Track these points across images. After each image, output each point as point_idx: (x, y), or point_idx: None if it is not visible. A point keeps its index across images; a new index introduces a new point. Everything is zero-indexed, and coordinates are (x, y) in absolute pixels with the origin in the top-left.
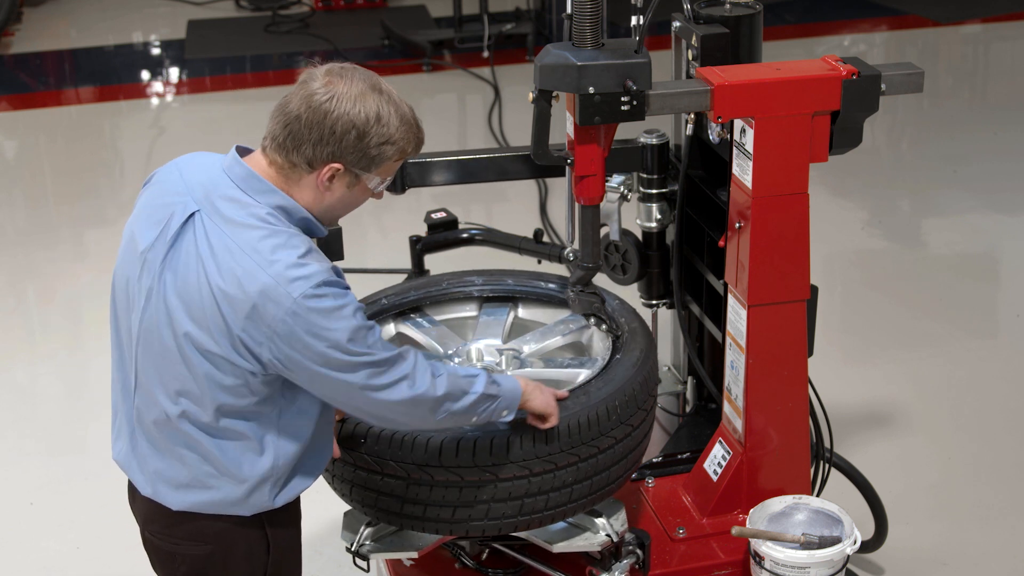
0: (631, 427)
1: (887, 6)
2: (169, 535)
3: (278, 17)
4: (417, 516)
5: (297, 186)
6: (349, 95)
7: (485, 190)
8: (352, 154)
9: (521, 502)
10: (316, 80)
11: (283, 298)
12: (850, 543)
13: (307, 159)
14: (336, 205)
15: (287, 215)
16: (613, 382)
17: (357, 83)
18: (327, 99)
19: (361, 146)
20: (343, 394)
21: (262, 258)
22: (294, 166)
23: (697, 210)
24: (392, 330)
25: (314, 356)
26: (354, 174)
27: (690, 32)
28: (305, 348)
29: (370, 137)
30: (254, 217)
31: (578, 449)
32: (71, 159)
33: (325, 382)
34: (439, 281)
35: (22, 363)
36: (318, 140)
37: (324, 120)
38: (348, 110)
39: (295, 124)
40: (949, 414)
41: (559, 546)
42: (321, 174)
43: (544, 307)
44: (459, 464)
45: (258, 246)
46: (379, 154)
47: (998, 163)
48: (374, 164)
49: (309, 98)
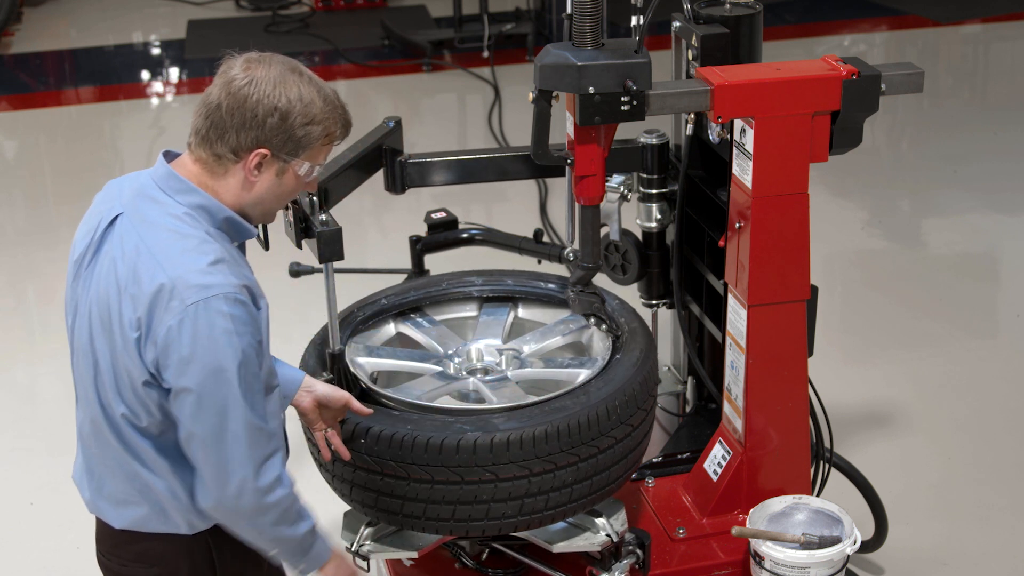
0: (631, 427)
1: (887, 6)
2: (117, 556)
3: (278, 17)
4: (417, 515)
5: (224, 180)
6: (269, 78)
7: (485, 190)
8: (277, 137)
9: (521, 502)
10: (234, 68)
11: (175, 303)
12: (850, 543)
13: (232, 148)
14: (266, 196)
15: (208, 215)
16: (613, 382)
17: (276, 67)
18: (246, 83)
19: (285, 128)
20: (193, 422)
21: (167, 258)
22: (219, 158)
23: (697, 210)
24: (392, 330)
25: (188, 373)
26: (282, 160)
27: (690, 32)
28: (180, 362)
29: (293, 118)
30: (170, 217)
31: (578, 449)
32: (71, 159)
33: (183, 405)
34: (439, 281)
35: (22, 363)
36: (240, 126)
37: (245, 104)
38: (269, 92)
39: (216, 113)
40: (949, 414)
41: (559, 546)
42: (248, 162)
43: (544, 307)
44: (459, 464)
45: (166, 247)
46: (304, 135)
47: (998, 163)
48: (301, 147)
49: (228, 85)
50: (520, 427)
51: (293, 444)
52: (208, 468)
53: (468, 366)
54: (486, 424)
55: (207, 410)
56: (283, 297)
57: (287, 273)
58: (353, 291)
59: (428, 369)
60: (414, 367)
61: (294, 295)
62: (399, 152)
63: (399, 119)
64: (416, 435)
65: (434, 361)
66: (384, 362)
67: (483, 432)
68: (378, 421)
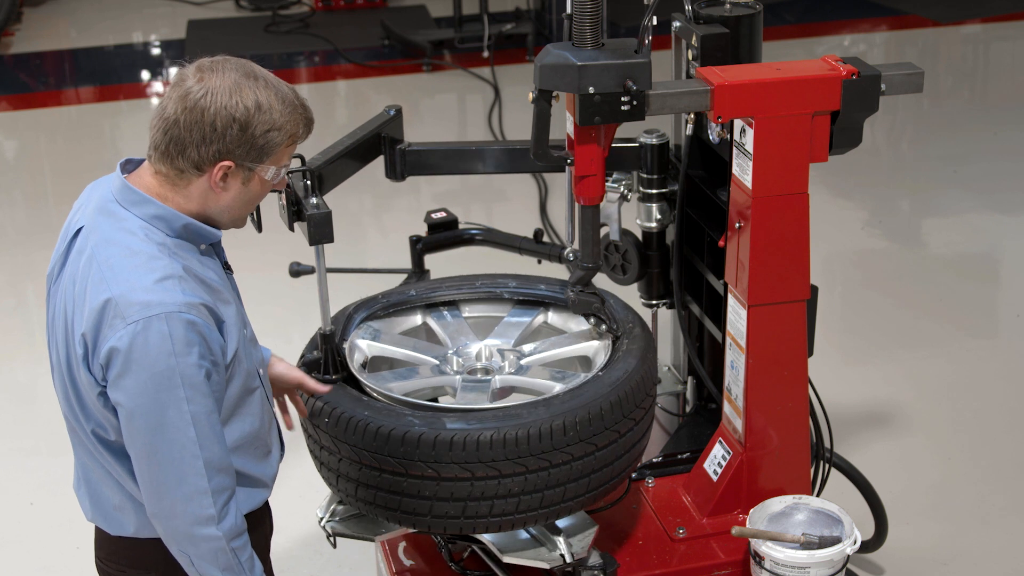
0: (593, 446)
1: (887, 6)
2: (116, 562)
3: (278, 17)
4: (368, 501)
5: (186, 191)
6: (224, 88)
7: (485, 190)
8: (239, 148)
9: (464, 504)
10: (188, 79)
11: (117, 320)
12: (850, 543)
13: (194, 163)
14: (234, 204)
15: (165, 224)
16: (577, 399)
17: (229, 74)
18: (202, 96)
19: (246, 138)
20: (127, 438)
21: (113, 275)
22: (181, 172)
23: (697, 210)
24: (419, 319)
25: (121, 388)
26: (247, 168)
27: (690, 32)
28: (116, 377)
29: (253, 127)
30: (123, 232)
31: (526, 460)
32: (71, 159)
33: (121, 419)
34: (473, 280)
35: (22, 363)
36: (200, 140)
37: (203, 118)
38: (225, 103)
39: (175, 129)
40: (949, 414)
41: (510, 556)
42: (213, 175)
43: (574, 316)
44: (403, 456)
45: (115, 263)
46: (267, 143)
47: (998, 163)
48: (264, 154)
49: (184, 98)
50: (466, 429)
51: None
52: (143, 483)
53: (468, 364)
54: (435, 422)
55: (138, 429)
56: (283, 297)
57: (287, 273)
58: (353, 291)
59: (426, 361)
60: (413, 357)
61: (294, 295)
62: (399, 140)
63: (399, 107)
64: (369, 422)
65: (436, 355)
66: (387, 348)
67: (428, 428)
68: (341, 404)
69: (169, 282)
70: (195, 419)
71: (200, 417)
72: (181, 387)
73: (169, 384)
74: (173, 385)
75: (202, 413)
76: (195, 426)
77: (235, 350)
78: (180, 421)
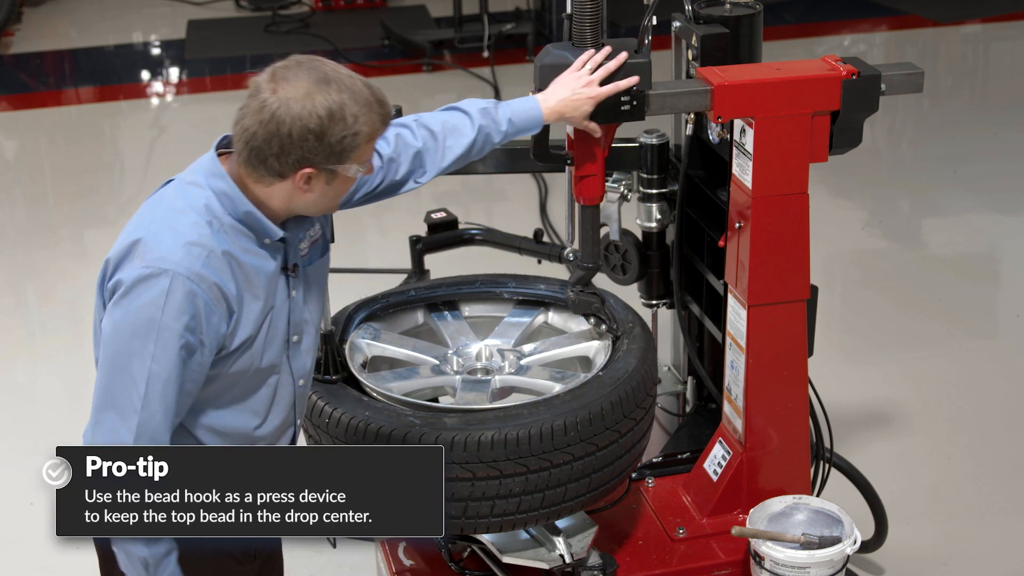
0: (570, 456)
1: (887, 6)
2: None
3: (278, 17)
4: None
5: (271, 189)
6: (296, 97)
7: (485, 190)
8: (318, 155)
9: (493, 503)
10: (263, 90)
11: (136, 260)
12: (850, 543)
13: (275, 171)
14: (321, 200)
15: (229, 202)
16: (578, 399)
17: (302, 82)
18: (276, 108)
19: (324, 146)
20: (99, 352)
21: (156, 222)
22: (263, 176)
23: (697, 210)
24: (420, 318)
25: (112, 320)
26: (329, 170)
27: (690, 32)
28: (112, 307)
29: (330, 135)
30: (191, 195)
31: (501, 464)
32: (71, 159)
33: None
34: (473, 280)
35: (22, 363)
36: (280, 152)
37: (279, 131)
38: (299, 114)
39: (253, 141)
40: (949, 414)
41: (509, 556)
42: (296, 180)
43: (575, 316)
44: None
45: (164, 214)
46: (345, 147)
47: (998, 163)
48: (345, 155)
49: (260, 111)
50: (465, 430)
51: None
52: (92, 405)
53: (468, 364)
54: (436, 423)
55: (104, 358)
56: None
57: None
58: (353, 291)
59: (426, 361)
60: (413, 357)
61: None
62: None
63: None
64: (370, 422)
65: (436, 355)
66: (388, 348)
67: (430, 429)
68: (342, 405)
69: (196, 249)
70: (151, 378)
71: (156, 379)
72: (154, 343)
73: (144, 334)
74: (147, 338)
75: (159, 376)
76: (148, 384)
77: (241, 342)
78: (137, 372)
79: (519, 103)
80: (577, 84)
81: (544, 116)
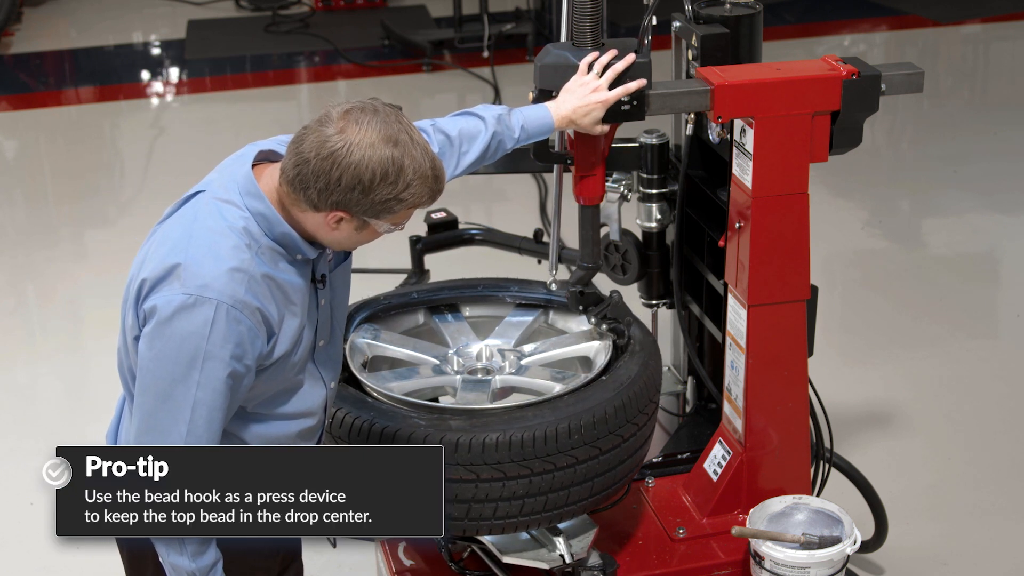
0: (573, 459)
1: (887, 6)
2: None
3: (278, 17)
4: None
5: (303, 215)
6: (361, 145)
7: (485, 190)
8: (358, 206)
9: (496, 505)
10: (331, 124)
11: (175, 284)
12: (850, 543)
13: (312, 203)
14: (343, 242)
15: (267, 223)
16: (578, 404)
17: (372, 132)
18: (338, 147)
19: (367, 200)
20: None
21: (197, 245)
22: (299, 202)
23: (697, 210)
24: (421, 319)
25: (153, 348)
26: (362, 220)
27: (690, 32)
28: (145, 338)
29: (375, 194)
30: (228, 215)
31: (504, 466)
32: (71, 159)
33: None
34: (475, 284)
35: (22, 363)
36: (323, 188)
37: (331, 171)
38: (356, 162)
39: (304, 167)
40: (949, 414)
41: (510, 557)
42: (327, 217)
43: (575, 316)
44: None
45: (204, 236)
46: (385, 208)
47: (998, 163)
48: (383, 215)
49: (322, 145)
50: (469, 430)
51: None
52: (133, 437)
53: (469, 364)
54: (440, 424)
55: (146, 386)
56: None
57: None
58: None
59: (427, 361)
60: (414, 357)
61: None
62: None
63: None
64: (375, 423)
65: (436, 355)
66: (388, 348)
67: (435, 429)
68: (344, 406)
69: (239, 275)
70: (196, 406)
71: (201, 406)
72: (199, 371)
73: (190, 363)
74: (192, 366)
75: (204, 403)
76: (193, 411)
77: (277, 358)
78: (183, 400)
79: (531, 110)
80: (586, 90)
81: (555, 124)
